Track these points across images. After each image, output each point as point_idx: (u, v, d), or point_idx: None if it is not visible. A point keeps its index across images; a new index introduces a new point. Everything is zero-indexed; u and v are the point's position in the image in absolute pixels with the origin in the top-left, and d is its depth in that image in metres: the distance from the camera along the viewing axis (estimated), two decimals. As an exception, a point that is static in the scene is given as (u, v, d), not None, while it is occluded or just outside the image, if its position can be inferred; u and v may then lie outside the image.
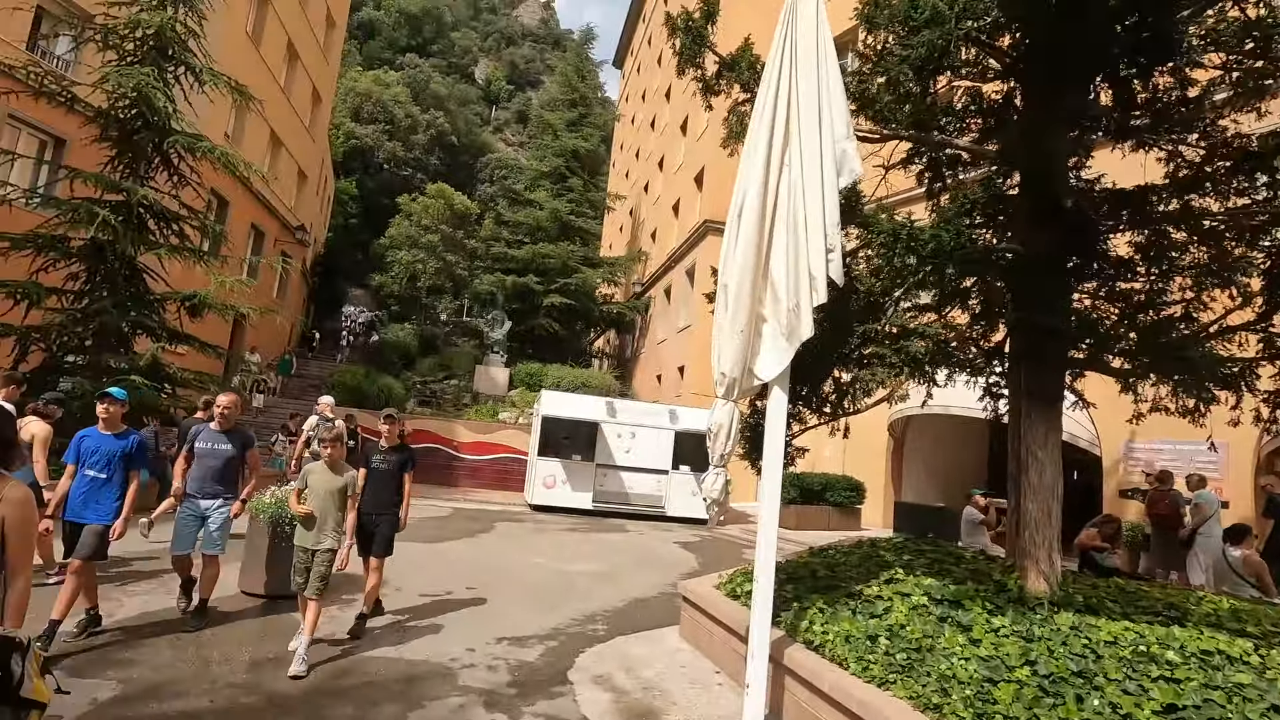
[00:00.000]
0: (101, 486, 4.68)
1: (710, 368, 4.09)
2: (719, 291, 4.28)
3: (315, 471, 4.75)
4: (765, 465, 4.09)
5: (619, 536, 11.89)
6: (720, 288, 4.27)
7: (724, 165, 19.95)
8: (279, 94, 21.30)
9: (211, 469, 5.23)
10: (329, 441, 4.81)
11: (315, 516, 4.64)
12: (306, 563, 4.67)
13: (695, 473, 15.31)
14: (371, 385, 18.93)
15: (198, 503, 5.18)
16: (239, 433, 5.40)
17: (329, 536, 4.67)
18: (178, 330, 10.80)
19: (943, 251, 4.26)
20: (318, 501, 4.66)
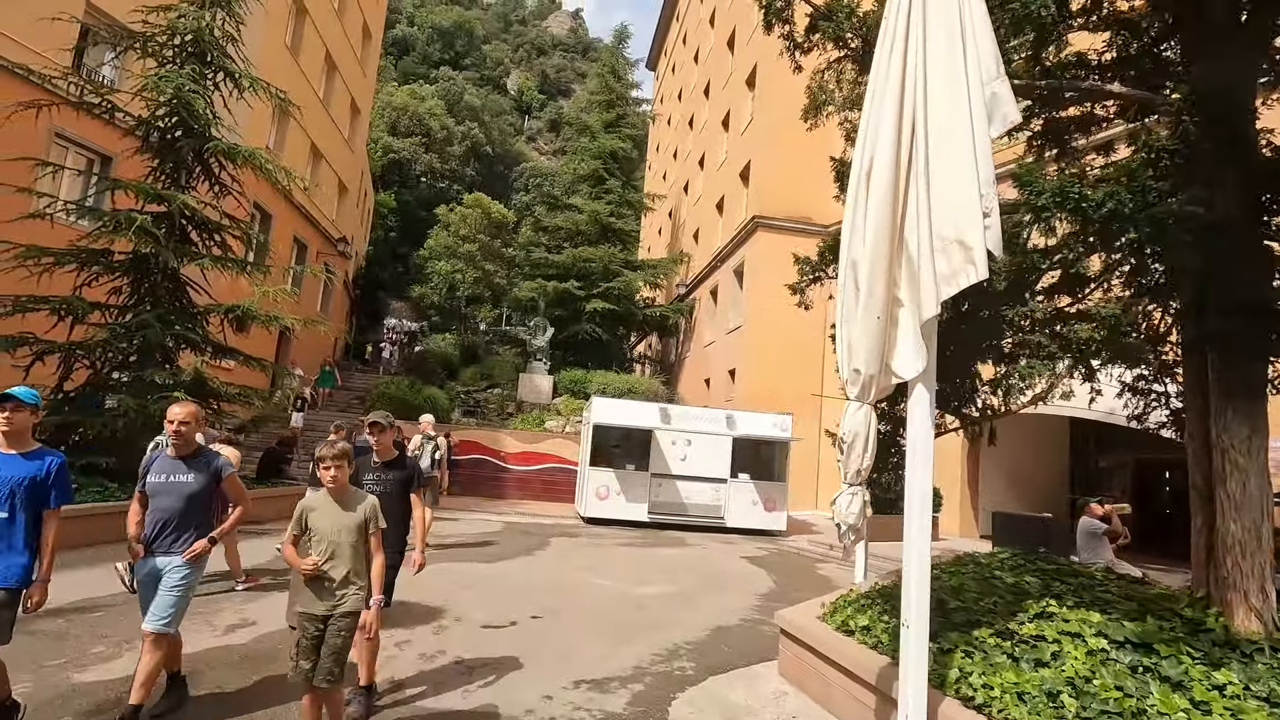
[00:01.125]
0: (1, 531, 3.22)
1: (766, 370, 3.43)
2: (844, 272, 3.53)
3: (318, 507, 3.43)
4: (911, 484, 3.31)
5: (681, 552, 11.14)
6: (846, 267, 3.51)
7: (771, 158, 19.13)
8: (318, 105, 21.24)
9: (169, 512, 3.71)
10: (331, 460, 3.38)
11: (326, 571, 3.37)
12: (316, 636, 3.30)
13: (755, 481, 14.49)
14: (416, 396, 18.57)
15: (152, 562, 3.69)
16: (205, 458, 3.86)
17: (352, 595, 3.38)
18: (222, 343, 10.46)
19: (1120, 213, 3.42)
20: (328, 548, 3.38)
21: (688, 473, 14.24)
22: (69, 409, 9.06)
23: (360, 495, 3.56)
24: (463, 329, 40.26)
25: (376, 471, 4.35)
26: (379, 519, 3.53)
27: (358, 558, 3.46)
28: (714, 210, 24.05)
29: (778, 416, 14.79)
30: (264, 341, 18.79)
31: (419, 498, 4.43)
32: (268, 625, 5.45)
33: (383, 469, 4.37)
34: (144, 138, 10.18)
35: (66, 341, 8.92)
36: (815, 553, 11.97)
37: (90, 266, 9.54)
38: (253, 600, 6.19)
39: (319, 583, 3.37)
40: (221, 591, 6.38)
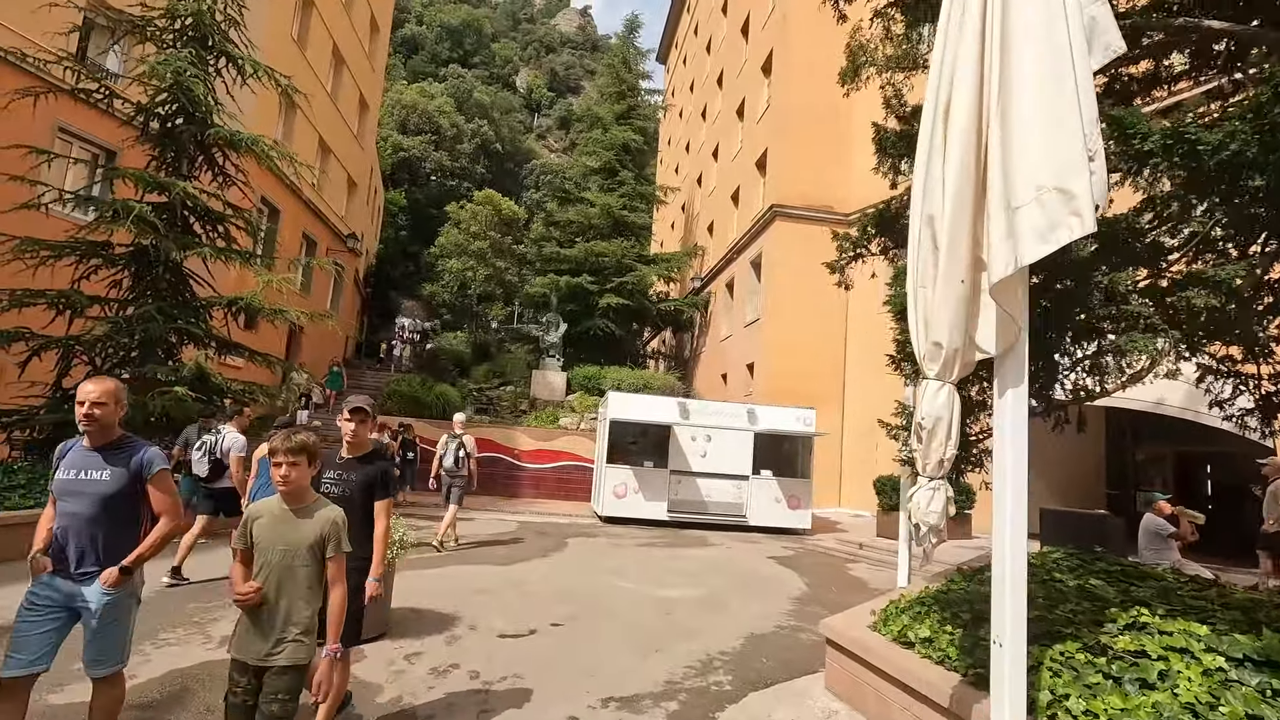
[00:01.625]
0: None
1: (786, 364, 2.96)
2: (917, 230, 3.03)
3: (264, 515, 2.67)
4: (1002, 478, 2.81)
5: (705, 552, 10.65)
6: (920, 224, 3.01)
7: (789, 145, 18.57)
8: (326, 100, 20.91)
9: (77, 520, 2.85)
10: (285, 454, 2.64)
11: (268, 600, 2.60)
12: (247, 694, 2.54)
13: (778, 477, 13.98)
14: (429, 393, 18.20)
15: (57, 583, 2.82)
16: (128, 449, 2.95)
17: (292, 641, 2.58)
18: (226, 338, 10.08)
19: (1244, 157, 2.90)
20: (268, 572, 2.60)
21: (708, 469, 13.74)
22: (68, 407, 8.72)
23: (322, 505, 2.75)
24: (474, 327, 39.97)
25: (340, 469, 3.47)
26: (342, 539, 2.68)
27: (308, 589, 2.61)
28: (729, 201, 23.51)
29: (801, 410, 14.25)
30: (274, 339, 18.49)
31: (385, 507, 3.48)
32: (268, 636, 5.03)
33: (347, 466, 3.47)
34: (143, 126, 9.83)
35: (64, 336, 8.56)
36: (844, 552, 11.45)
37: (89, 259, 9.19)
38: (253, 608, 5.79)
39: (257, 616, 2.57)
40: (220, 604, 5.97)
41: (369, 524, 3.43)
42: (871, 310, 17.28)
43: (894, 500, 12.03)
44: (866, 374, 17.22)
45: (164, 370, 8.56)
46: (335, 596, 2.69)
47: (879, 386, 17.02)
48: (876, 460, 16.61)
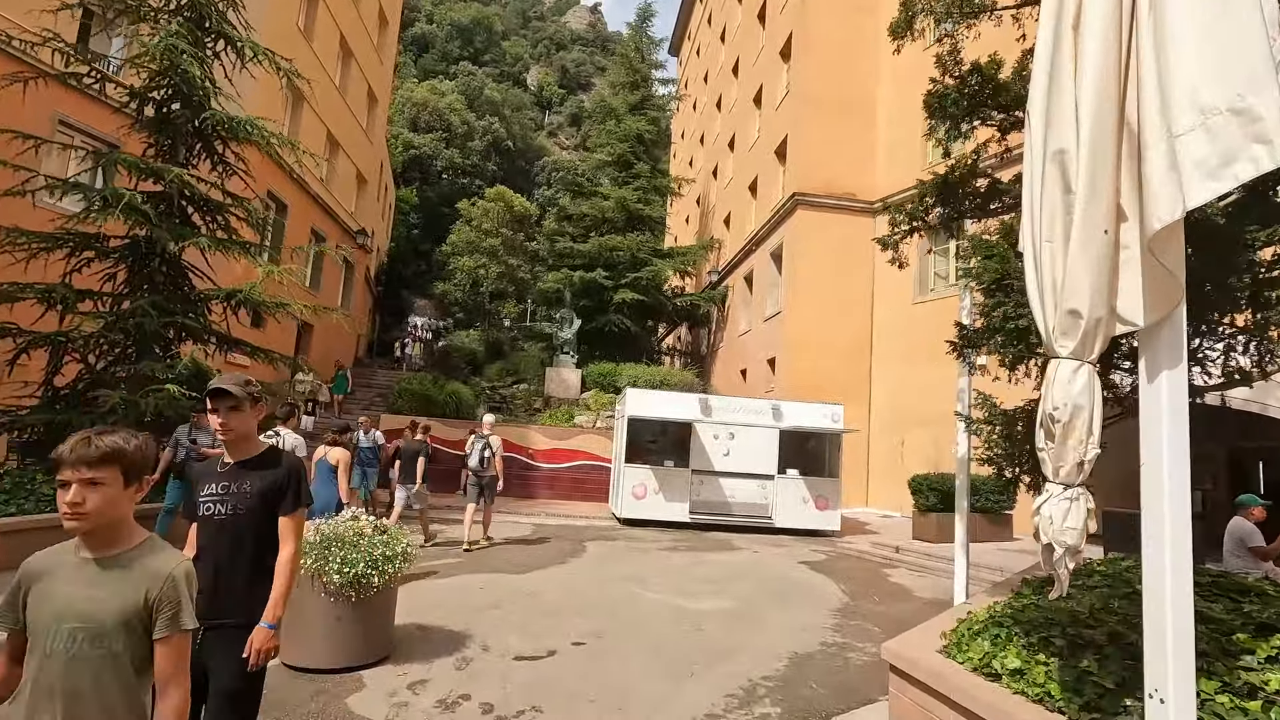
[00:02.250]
0: None
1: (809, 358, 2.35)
2: (1041, 169, 2.39)
3: (48, 570, 1.61)
4: (1157, 481, 2.18)
5: (731, 557, 10.03)
6: (1044, 162, 2.37)
7: (810, 131, 17.87)
8: (334, 93, 20.47)
9: None
10: (72, 466, 1.58)
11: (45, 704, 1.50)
12: None
13: (805, 477, 13.32)
14: (440, 392, 17.71)
15: None
16: None
17: None
18: (226, 334, 9.59)
19: None
20: (54, 669, 1.51)
21: (731, 469, 13.12)
22: (60, 406, 8.26)
23: (151, 551, 1.66)
24: (487, 325, 39.56)
25: (222, 481, 2.41)
26: (181, 608, 1.61)
27: (121, 696, 1.55)
28: (746, 192, 22.83)
29: (828, 406, 13.58)
30: (282, 338, 18.08)
31: (294, 525, 2.46)
32: (256, 660, 4.48)
33: (232, 476, 2.42)
34: (138, 112, 9.34)
35: (54, 332, 8.09)
36: (879, 556, 10.78)
37: (81, 251, 8.72)
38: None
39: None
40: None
41: (270, 549, 2.43)
42: (900, 299, 16.58)
43: (932, 500, 11.36)
44: (894, 367, 16.52)
45: (159, 367, 8.06)
46: (165, 709, 1.57)
47: (909, 380, 16.35)
48: (903, 457, 15.92)
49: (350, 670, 4.35)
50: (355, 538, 4.52)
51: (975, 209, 5.74)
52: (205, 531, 2.42)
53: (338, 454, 6.76)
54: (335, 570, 4.26)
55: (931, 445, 15.15)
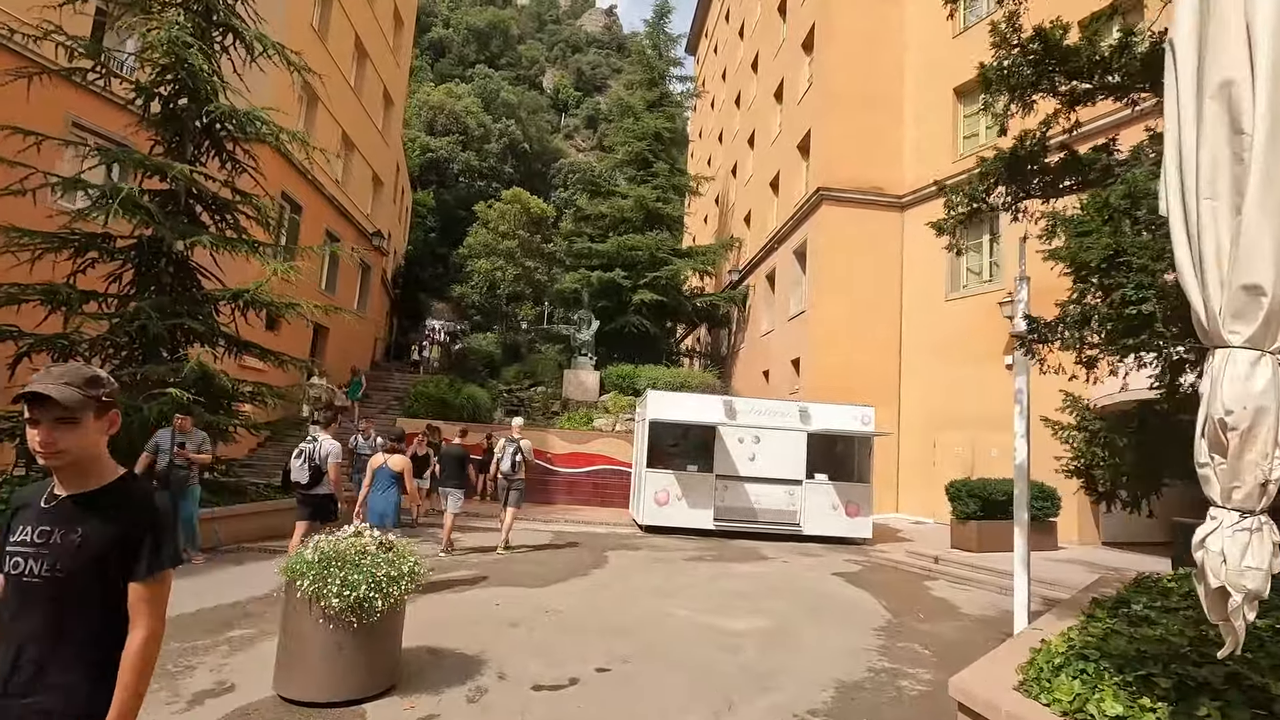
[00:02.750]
0: None
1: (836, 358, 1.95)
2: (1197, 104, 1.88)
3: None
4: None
5: (761, 568, 9.52)
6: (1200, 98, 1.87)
7: (834, 125, 17.31)
8: (349, 93, 20.27)
9: None
10: None
11: None
12: None
13: (834, 482, 12.76)
14: (457, 395, 17.39)
15: None
16: None
17: None
18: (235, 336, 9.28)
19: None
20: None
21: (757, 474, 12.60)
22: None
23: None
24: (504, 328, 39.35)
25: (44, 522, 1.62)
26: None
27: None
28: (768, 189, 22.29)
29: (858, 408, 13.01)
30: (297, 341, 17.86)
31: (151, 597, 1.62)
32: (250, 690, 4.08)
33: (61, 516, 1.62)
34: (144, 108, 9.08)
35: (54, 335, 7.81)
36: (916, 567, 10.20)
37: (86, 251, 8.45)
38: (240, 650, 4.86)
39: None
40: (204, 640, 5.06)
41: (114, 630, 1.61)
42: (931, 296, 15.91)
43: (971, 508, 10.76)
44: (925, 367, 15.89)
45: (164, 370, 7.76)
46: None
47: (940, 380, 15.69)
48: (936, 461, 15.28)
49: (352, 704, 3.93)
50: (357, 556, 4.10)
51: (1044, 187, 5.17)
52: (13, 598, 1.59)
53: (399, 461, 6.76)
54: (335, 594, 3.84)
55: (967, 448, 14.51)
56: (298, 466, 6.77)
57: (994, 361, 14.24)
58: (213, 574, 6.94)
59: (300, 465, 6.77)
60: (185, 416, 6.60)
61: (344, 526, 4.51)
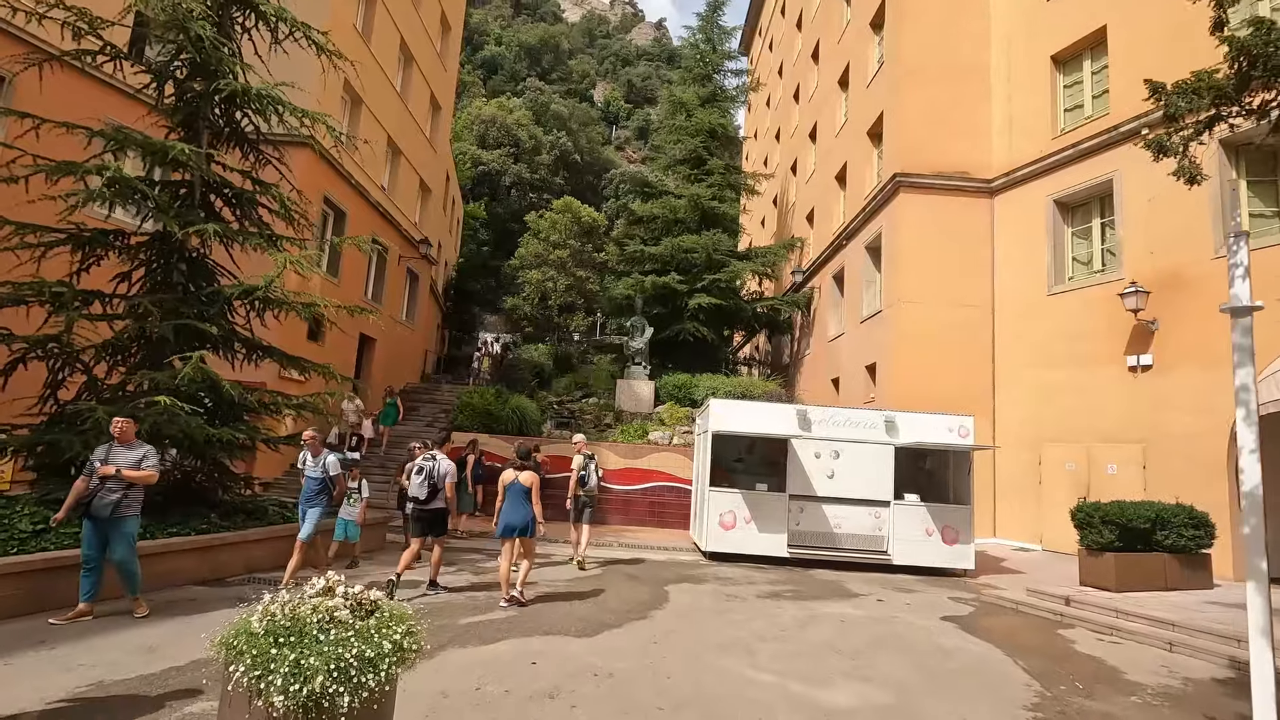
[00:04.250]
0: None
1: (919, 362, 3.96)
2: None
3: None
4: None
5: (852, 608, 7.95)
6: None
7: (910, 105, 15.66)
8: (394, 97, 19.74)
9: None
10: None
11: None
12: None
13: (927, 503, 11.06)
14: (503, 407, 16.36)
15: None
16: None
17: None
18: (252, 339, 8.36)
19: None
20: None
21: (837, 494, 11.00)
22: (64, 425, 7.16)
23: None
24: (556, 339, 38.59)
25: None
26: None
27: None
28: (833, 183, 20.64)
29: (955, 418, 11.29)
30: (341, 351, 17.23)
31: None
32: None
33: None
34: (158, 92, 8.32)
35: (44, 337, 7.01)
36: (1045, 610, 8.41)
37: (93, 248, 7.68)
38: None
39: None
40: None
41: None
42: (1030, 290, 13.85)
43: (1107, 537, 8.90)
44: (1025, 371, 13.96)
45: (162, 377, 6.84)
46: None
47: (1044, 386, 13.65)
48: (1041, 478, 13.30)
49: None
50: (320, 628, 2.87)
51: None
52: None
53: (529, 477, 7.09)
54: (279, 687, 2.61)
55: (1081, 463, 12.52)
56: (417, 483, 7.20)
57: (1111, 363, 12.25)
58: (165, 624, 5.65)
59: (420, 482, 7.19)
60: (127, 421, 5.54)
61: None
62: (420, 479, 7.17)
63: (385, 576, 7.22)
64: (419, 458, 7.50)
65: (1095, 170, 12.94)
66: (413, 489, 7.22)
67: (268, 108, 8.36)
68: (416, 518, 7.31)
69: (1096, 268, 13.21)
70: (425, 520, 7.31)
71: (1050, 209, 13.83)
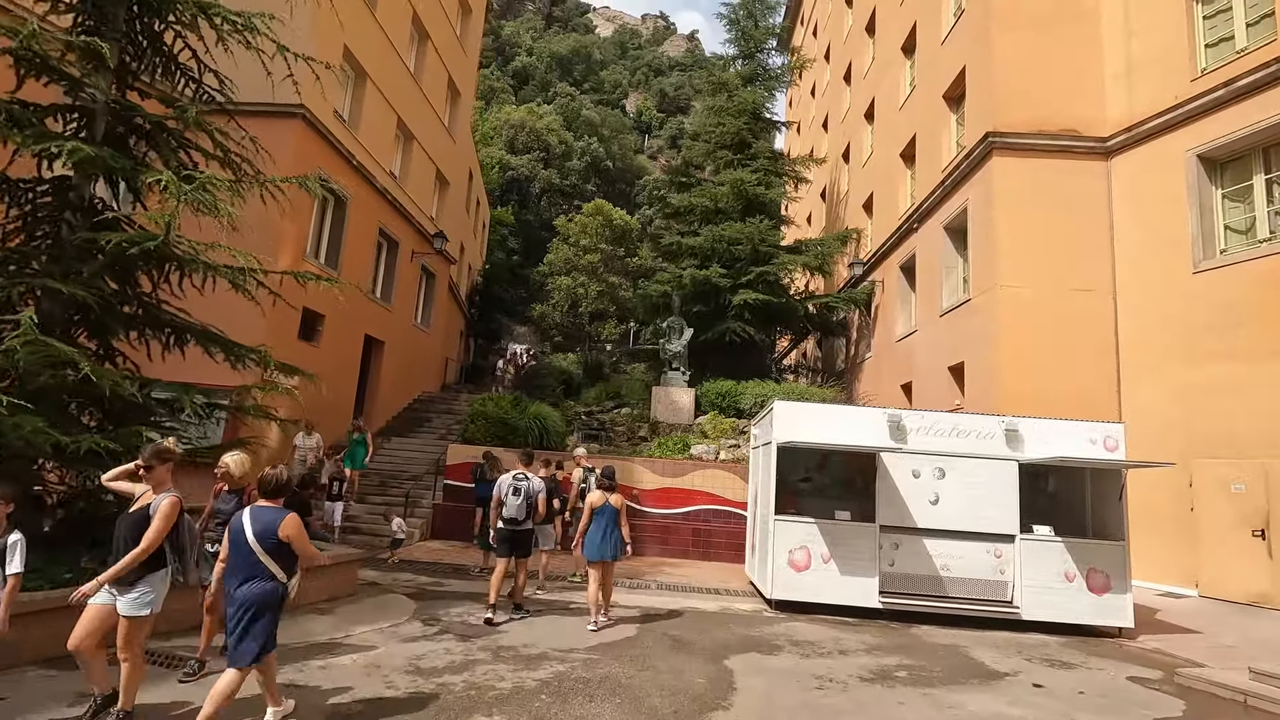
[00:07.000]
0: None
1: (1024, 359, 2.84)
2: None
3: None
4: None
5: (1004, 704, 5.38)
6: None
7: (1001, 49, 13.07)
8: (405, 75, 17.91)
9: None
10: None
11: None
12: None
13: (1065, 539, 8.41)
14: (522, 416, 14.13)
15: None
16: None
17: None
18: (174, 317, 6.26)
19: None
20: None
21: (943, 525, 8.41)
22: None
23: None
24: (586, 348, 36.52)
25: None
26: None
27: None
28: (897, 162, 18.09)
29: (1099, 426, 8.65)
30: (342, 354, 15.25)
31: None
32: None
33: None
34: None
35: None
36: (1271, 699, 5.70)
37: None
38: None
39: None
40: None
41: None
42: (1167, 268, 10.84)
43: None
44: (1163, 368, 11.17)
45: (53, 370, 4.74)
46: None
47: (1191, 387, 10.67)
48: (1194, 504, 10.47)
49: None
50: None
51: None
52: None
53: (619, 499, 7.37)
54: None
55: (1256, 484, 9.68)
56: (516, 504, 7.16)
57: (1297, 355, 9.43)
58: None
59: (519, 503, 7.15)
60: None
61: None
62: (519, 500, 7.16)
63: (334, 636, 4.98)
64: (508, 476, 7.32)
65: (1258, 112, 10.21)
66: (510, 510, 7.13)
67: (190, 10, 6.30)
68: (507, 539, 7.21)
69: (1262, 235, 10.42)
70: (517, 541, 7.25)
71: (1194, 166, 11.10)
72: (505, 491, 7.18)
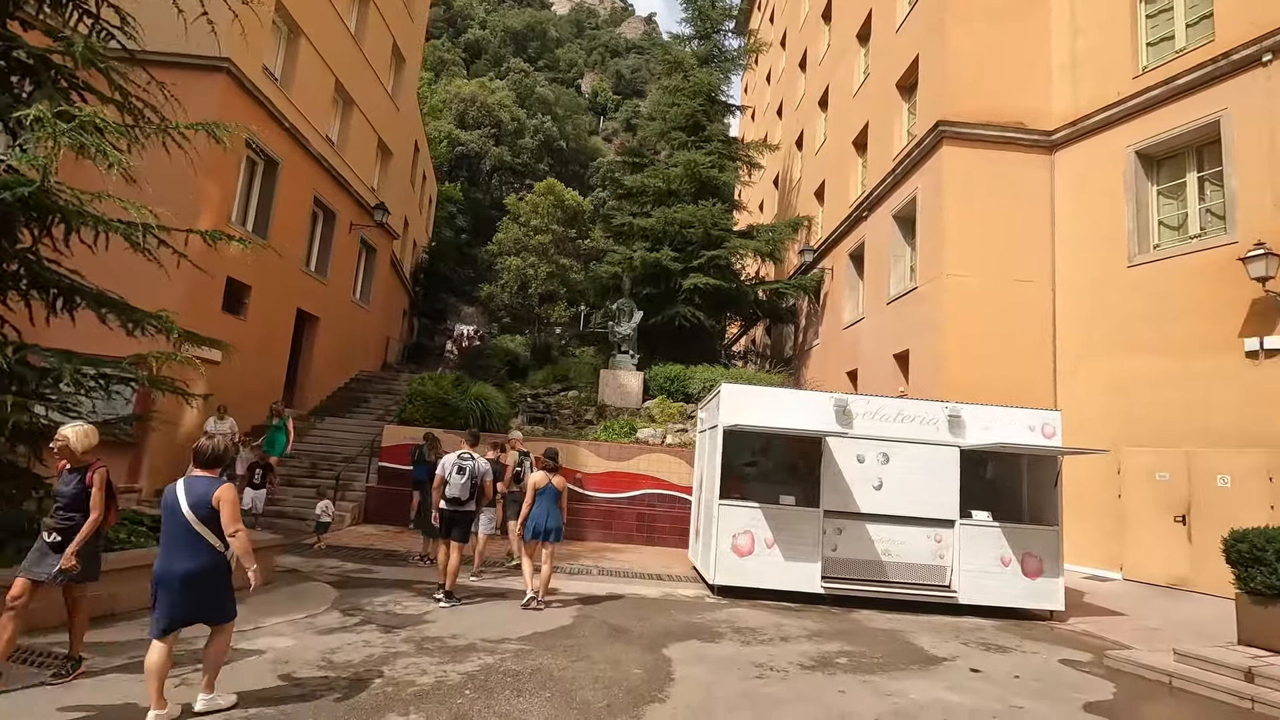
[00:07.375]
0: None
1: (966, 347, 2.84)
2: None
3: None
4: None
5: (942, 687, 5.32)
6: None
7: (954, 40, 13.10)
8: (345, 38, 16.92)
9: None
10: None
11: None
12: None
13: (1002, 524, 8.51)
14: (463, 397, 13.60)
15: None
16: None
17: None
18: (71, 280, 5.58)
19: None
20: None
21: (887, 510, 8.39)
22: None
23: None
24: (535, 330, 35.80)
25: None
26: None
27: None
28: (849, 150, 18.12)
29: (1038, 413, 8.78)
30: (272, 328, 14.37)
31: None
32: None
33: None
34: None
35: None
36: (1215, 687, 5.82)
37: None
38: None
39: None
40: None
41: None
42: (1103, 261, 11.06)
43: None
44: (1098, 358, 11.48)
45: None
46: None
47: (1124, 377, 11.04)
48: (1121, 490, 10.81)
49: None
50: None
51: None
52: None
53: (562, 481, 7.36)
54: None
55: (1179, 474, 10.02)
56: (460, 484, 6.99)
57: (1219, 348, 9.72)
58: None
59: (464, 482, 7.00)
60: None
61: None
62: (463, 479, 6.99)
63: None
64: (453, 455, 7.13)
65: (1193, 111, 10.48)
66: (453, 489, 6.95)
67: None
68: (451, 519, 7.04)
69: (1193, 231, 10.75)
70: (456, 522, 7.08)
71: (1131, 162, 11.36)
72: (449, 470, 7.02)
